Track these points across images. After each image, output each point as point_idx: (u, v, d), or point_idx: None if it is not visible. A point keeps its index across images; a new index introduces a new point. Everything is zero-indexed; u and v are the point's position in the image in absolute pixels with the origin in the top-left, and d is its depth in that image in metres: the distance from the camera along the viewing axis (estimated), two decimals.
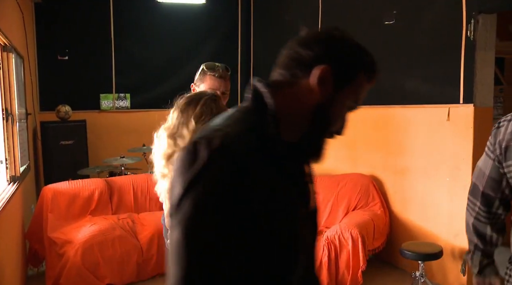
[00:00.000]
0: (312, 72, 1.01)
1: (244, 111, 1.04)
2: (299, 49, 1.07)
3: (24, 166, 4.25)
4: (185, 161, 0.92)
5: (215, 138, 0.92)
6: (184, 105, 1.72)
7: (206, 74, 2.29)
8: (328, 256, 3.83)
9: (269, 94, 1.02)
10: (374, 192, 4.42)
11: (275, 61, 1.01)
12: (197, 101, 1.70)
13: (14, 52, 4.04)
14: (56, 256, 3.76)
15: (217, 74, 2.28)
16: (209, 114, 1.67)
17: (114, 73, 5.92)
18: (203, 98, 1.71)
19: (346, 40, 1.07)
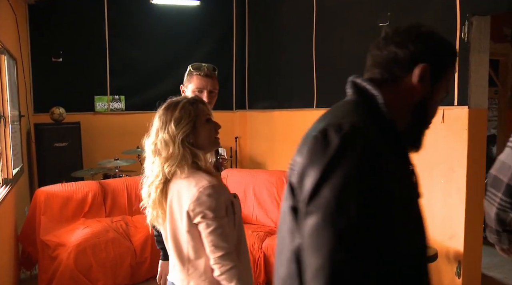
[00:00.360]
0: (413, 72, 1.07)
1: (352, 103, 1.10)
2: (395, 49, 1.10)
3: (17, 168, 4.22)
4: (316, 149, 0.94)
5: (343, 124, 0.94)
6: (163, 110, 1.73)
7: (193, 74, 2.32)
8: None
9: (374, 88, 1.08)
10: None
11: (270, 60, 1.00)
12: (176, 105, 1.71)
13: (7, 53, 4.02)
14: (49, 259, 3.73)
15: (202, 73, 2.30)
16: (188, 117, 1.68)
17: (108, 75, 5.90)
18: (181, 102, 1.72)
19: (437, 36, 1.14)
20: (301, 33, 5.31)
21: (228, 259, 1.61)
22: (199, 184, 1.63)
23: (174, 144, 1.65)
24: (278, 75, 5.75)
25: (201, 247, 1.64)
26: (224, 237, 1.61)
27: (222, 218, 1.63)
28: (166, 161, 1.66)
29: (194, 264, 1.67)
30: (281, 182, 4.87)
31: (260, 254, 4.05)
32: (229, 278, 1.60)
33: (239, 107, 6.42)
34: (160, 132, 1.69)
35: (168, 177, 1.68)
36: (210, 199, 1.60)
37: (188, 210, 1.62)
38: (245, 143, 6.39)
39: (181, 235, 1.67)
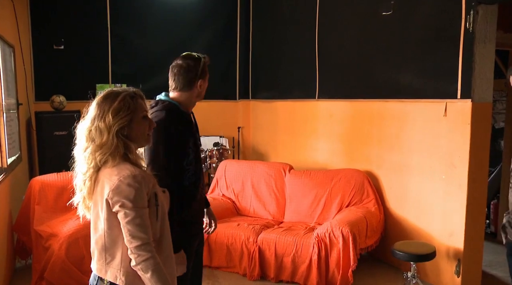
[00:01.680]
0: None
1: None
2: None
3: (13, 157, 4.20)
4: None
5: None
6: (102, 98, 1.72)
7: (207, 64, 2.39)
8: (318, 254, 3.73)
9: None
10: (369, 189, 4.31)
11: (274, 50, 0.94)
12: (116, 96, 1.71)
13: (1, 41, 3.97)
14: (42, 249, 3.72)
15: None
16: (126, 110, 1.69)
17: (110, 63, 5.84)
18: (121, 93, 1.72)
19: None
20: (304, 23, 5.18)
21: (145, 250, 1.61)
22: (120, 173, 1.64)
23: (109, 133, 1.67)
24: (281, 65, 5.64)
25: (119, 236, 1.65)
26: (142, 228, 1.62)
27: (142, 209, 1.63)
28: (99, 149, 1.67)
29: (111, 253, 1.67)
30: (280, 175, 4.79)
31: (255, 248, 3.99)
32: (145, 268, 1.61)
33: (242, 97, 6.33)
34: (96, 120, 1.68)
35: (99, 165, 1.68)
36: (130, 189, 1.61)
37: (107, 198, 1.62)
38: (248, 133, 6.30)
39: (100, 223, 1.67)
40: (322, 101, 5.03)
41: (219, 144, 5.63)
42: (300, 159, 5.26)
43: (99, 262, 1.70)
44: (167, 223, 1.79)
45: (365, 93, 4.49)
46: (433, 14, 3.81)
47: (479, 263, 3.83)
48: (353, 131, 4.67)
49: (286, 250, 3.90)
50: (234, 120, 6.30)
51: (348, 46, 4.67)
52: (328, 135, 4.97)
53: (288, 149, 5.53)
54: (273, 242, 3.96)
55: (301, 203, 4.59)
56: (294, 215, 4.61)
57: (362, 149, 4.59)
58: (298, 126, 5.39)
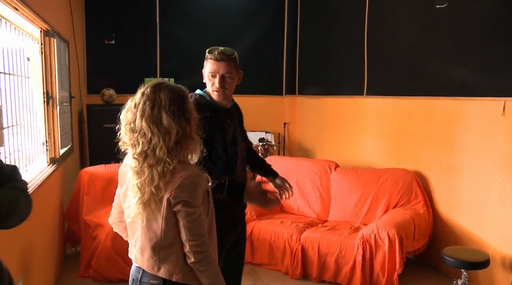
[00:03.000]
0: None
1: None
2: None
3: (65, 148, 4.34)
4: None
5: None
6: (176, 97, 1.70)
7: (207, 58, 2.30)
8: (363, 256, 3.63)
9: None
10: (417, 190, 4.14)
11: (322, 45, 0.89)
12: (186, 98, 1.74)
13: (57, 37, 4.10)
14: (90, 238, 3.83)
15: (213, 57, 2.26)
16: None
17: (158, 57, 5.93)
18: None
19: None
20: (354, 17, 5.03)
21: (203, 247, 1.64)
22: (182, 172, 1.62)
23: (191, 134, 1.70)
24: (329, 60, 5.52)
25: (176, 234, 1.64)
26: (201, 226, 1.64)
27: (200, 207, 1.64)
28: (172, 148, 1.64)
29: (167, 251, 1.66)
30: (325, 172, 4.70)
31: (298, 246, 3.93)
32: (202, 265, 1.64)
33: (289, 92, 6.25)
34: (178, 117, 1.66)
35: (173, 164, 1.64)
36: (192, 188, 1.61)
37: (169, 197, 1.61)
38: (294, 130, 6.23)
39: (156, 221, 1.65)
40: (370, 98, 4.88)
41: (264, 139, 5.59)
42: (346, 157, 5.13)
43: (151, 259, 1.68)
44: (214, 220, 1.79)
45: (415, 90, 4.31)
46: (492, 6, 3.59)
47: None
48: (402, 129, 4.50)
49: (329, 249, 3.82)
50: (280, 115, 6.24)
51: (399, 41, 4.50)
52: (376, 133, 4.82)
53: (335, 146, 5.41)
54: (317, 241, 3.88)
55: (346, 202, 4.48)
56: (339, 214, 4.51)
57: (411, 149, 4.42)
58: (345, 123, 5.27)
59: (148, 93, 1.66)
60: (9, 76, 3.13)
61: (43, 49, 3.85)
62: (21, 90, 3.45)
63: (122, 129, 1.72)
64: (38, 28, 3.72)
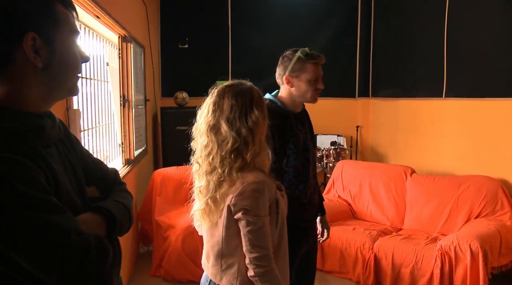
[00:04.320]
0: None
1: None
2: None
3: (140, 150, 4.48)
4: None
5: None
6: (254, 100, 1.64)
7: (306, 63, 2.20)
8: (441, 269, 3.40)
9: None
10: (503, 199, 3.82)
11: (397, 45, 0.82)
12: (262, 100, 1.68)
13: (134, 42, 4.25)
14: (161, 238, 3.91)
15: (317, 61, 2.22)
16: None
17: (230, 60, 5.99)
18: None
19: None
20: (432, 13, 4.76)
21: (265, 261, 1.53)
22: (245, 178, 1.54)
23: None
24: (404, 61, 5.27)
25: (238, 244, 1.56)
26: (263, 237, 1.53)
27: (264, 217, 1.54)
28: (237, 152, 1.59)
29: (228, 261, 1.60)
30: (401, 178, 4.48)
31: (370, 255, 3.76)
32: (263, 280, 1.54)
33: (361, 95, 6.05)
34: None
35: (236, 169, 1.58)
36: (254, 195, 1.51)
37: (230, 204, 1.54)
38: (367, 133, 6.02)
39: (218, 229, 1.59)
40: (449, 100, 4.59)
41: (336, 143, 5.45)
42: (422, 163, 4.86)
43: (214, 267, 1.64)
44: (286, 231, 1.70)
45: (499, 90, 3.98)
46: None
47: None
48: (485, 133, 4.18)
49: (404, 260, 3.62)
50: (353, 118, 6.06)
51: (482, 37, 4.18)
52: (456, 137, 4.52)
53: (410, 151, 5.15)
54: (391, 250, 3.70)
55: (422, 210, 4.24)
56: (415, 222, 4.27)
57: (495, 154, 4.09)
58: (421, 127, 4.99)
59: (214, 96, 1.63)
60: (91, 81, 3.27)
61: (121, 54, 4.00)
62: (101, 94, 3.60)
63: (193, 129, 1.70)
64: (117, 34, 3.87)
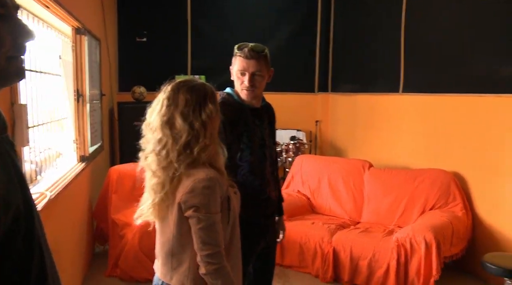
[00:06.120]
0: None
1: None
2: None
3: (95, 146, 4.35)
4: None
5: None
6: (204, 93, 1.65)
7: (236, 55, 2.17)
8: (397, 260, 3.48)
9: None
10: (455, 191, 3.94)
11: (356, 41, 0.81)
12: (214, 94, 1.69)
13: (88, 34, 4.11)
14: (118, 237, 3.82)
15: (243, 54, 2.12)
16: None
17: (190, 55, 5.90)
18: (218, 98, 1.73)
19: None
20: (390, 10, 4.84)
21: (216, 258, 1.51)
22: (195, 175, 1.52)
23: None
24: (363, 57, 5.34)
25: (189, 242, 1.54)
26: (215, 234, 1.52)
27: (215, 214, 1.52)
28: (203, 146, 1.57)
29: (179, 259, 1.57)
30: (359, 172, 4.55)
31: (329, 249, 3.80)
32: (214, 277, 1.52)
33: (321, 90, 6.10)
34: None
35: (186, 166, 1.56)
36: (205, 192, 1.50)
37: (180, 201, 1.51)
38: (326, 128, 6.08)
39: (168, 227, 1.57)
40: (406, 95, 4.69)
41: (295, 138, 5.47)
42: (380, 157, 4.96)
43: (164, 267, 1.61)
44: (238, 228, 1.69)
45: (455, 86, 4.10)
46: None
47: None
48: (440, 128, 4.29)
49: (362, 253, 3.68)
50: (312, 113, 6.10)
51: (439, 34, 4.28)
52: (412, 132, 4.63)
53: (368, 145, 5.24)
54: (349, 244, 3.75)
55: (380, 204, 4.32)
56: (372, 215, 4.35)
57: (449, 148, 4.21)
58: (379, 121, 5.08)
59: (168, 91, 1.60)
60: (41, 74, 3.13)
61: (74, 47, 3.86)
62: (53, 88, 3.46)
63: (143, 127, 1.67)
64: (70, 26, 3.72)
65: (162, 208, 1.57)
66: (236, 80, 2.18)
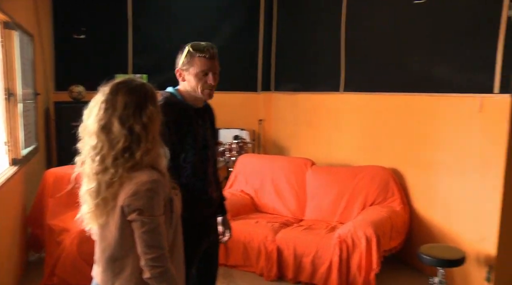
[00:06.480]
0: None
1: None
2: None
3: (29, 148, 4.13)
4: None
5: None
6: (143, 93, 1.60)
7: (195, 56, 2.10)
8: (340, 256, 3.55)
9: None
10: (394, 187, 4.08)
11: (298, 40, 0.79)
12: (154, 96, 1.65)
13: (19, 29, 3.89)
14: (55, 243, 3.63)
15: (206, 55, 2.09)
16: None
17: (131, 53, 5.73)
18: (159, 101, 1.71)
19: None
20: (331, 13, 4.94)
21: (160, 261, 1.49)
22: (138, 178, 1.49)
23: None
24: (305, 56, 5.42)
25: (132, 246, 1.50)
26: (159, 237, 1.49)
27: (159, 217, 1.49)
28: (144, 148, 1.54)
29: (121, 264, 1.52)
30: (301, 170, 4.61)
31: (273, 247, 3.82)
32: (159, 281, 1.50)
33: (264, 89, 6.13)
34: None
35: (127, 168, 1.52)
36: (148, 195, 1.46)
37: (123, 205, 1.47)
38: (269, 127, 6.12)
39: (110, 231, 1.52)
40: (347, 94, 4.80)
41: (239, 137, 5.46)
42: (322, 155, 5.05)
43: (105, 273, 1.55)
44: (180, 230, 1.66)
45: (393, 86, 4.25)
46: (471, 2, 3.54)
47: None
48: (379, 126, 4.43)
49: (305, 250, 3.72)
50: (255, 112, 6.12)
51: (377, 37, 4.42)
52: (353, 130, 4.75)
53: (311, 144, 5.32)
54: (293, 242, 3.79)
55: (322, 201, 4.40)
56: (315, 213, 4.42)
57: (388, 146, 4.36)
58: (321, 120, 5.18)
59: (106, 93, 1.54)
60: None
61: (3, 42, 3.64)
62: None
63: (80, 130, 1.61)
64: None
65: (102, 214, 1.52)
66: (197, 81, 2.10)
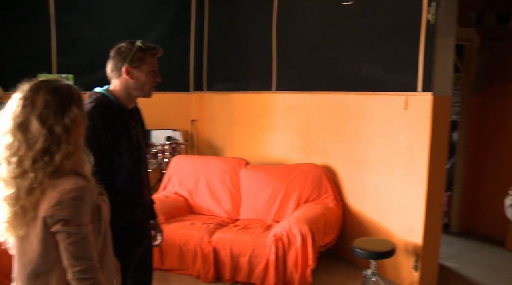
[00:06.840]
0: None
1: None
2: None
3: None
4: None
5: None
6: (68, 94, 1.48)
7: (147, 54, 2.04)
8: (276, 254, 3.57)
9: None
10: (327, 184, 4.19)
11: (230, 40, 0.76)
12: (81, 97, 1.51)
13: None
14: None
15: (156, 53, 2.08)
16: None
17: (55, 52, 5.42)
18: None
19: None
20: (262, 13, 4.98)
21: (90, 273, 1.38)
22: (61, 185, 1.37)
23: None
24: (237, 56, 5.42)
25: (56, 259, 1.38)
26: (87, 247, 1.39)
27: (87, 226, 1.39)
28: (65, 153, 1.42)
29: (45, 280, 1.40)
30: (235, 170, 4.60)
31: (209, 249, 3.77)
32: None
33: (196, 89, 6.06)
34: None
35: (48, 175, 1.39)
36: (74, 204, 1.36)
37: (45, 216, 1.35)
38: (202, 127, 6.05)
39: (30, 245, 1.39)
40: (279, 94, 4.86)
41: (171, 138, 5.35)
42: (256, 154, 5.08)
43: None
44: (110, 237, 1.56)
45: (323, 85, 4.36)
46: (394, 5, 3.72)
47: (436, 257, 3.82)
48: (311, 124, 4.53)
49: (242, 250, 3.71)
50: (188, 112, 6.03)
51: (308, 37, 4.52)
52: (286, 129, 4.81)
53: (244, 143, 5.34)
54: (229, 242, 3.76)
55: (257, 200, 4.42)
56: (250, 212, 4.43)
57: (320, 143, 4.47)
58: (254, 120, 5.20)
59: (26, 91, 1.41)
60: None
61: None
62: None
63: None
64: None
65: (20, 225, 1.37)
66: (148, 78, 2.05)
